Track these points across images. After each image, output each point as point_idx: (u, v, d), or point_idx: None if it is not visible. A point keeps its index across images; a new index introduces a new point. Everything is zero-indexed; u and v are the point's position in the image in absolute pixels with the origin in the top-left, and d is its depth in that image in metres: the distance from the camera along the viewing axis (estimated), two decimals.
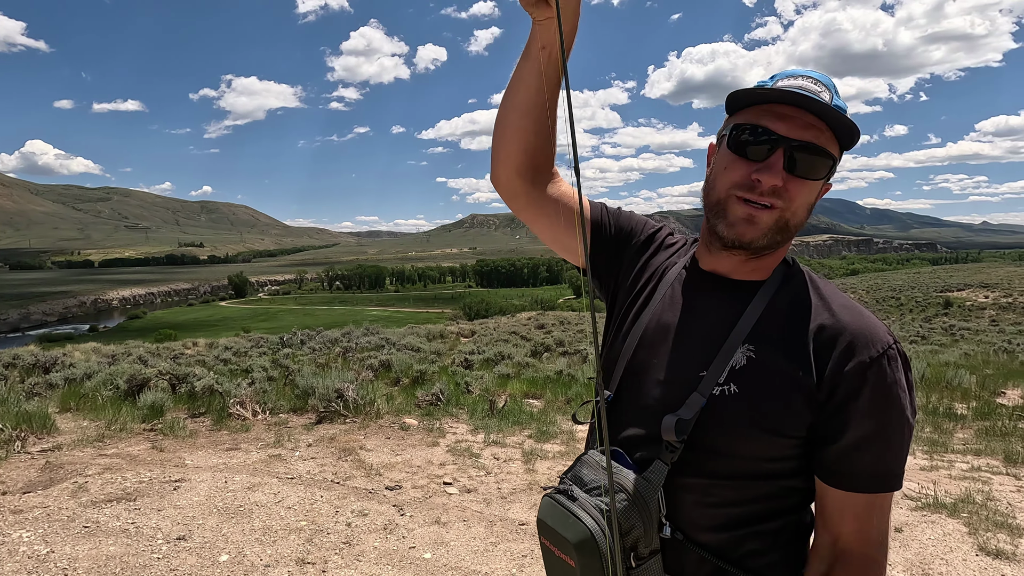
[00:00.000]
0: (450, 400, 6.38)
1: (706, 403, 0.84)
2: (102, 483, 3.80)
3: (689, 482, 0.85)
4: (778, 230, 0.85)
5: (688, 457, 0.84)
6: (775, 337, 0.85)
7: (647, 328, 0.96)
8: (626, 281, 1.06)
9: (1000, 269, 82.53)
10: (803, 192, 0.84)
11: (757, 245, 0.86)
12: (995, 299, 50.36)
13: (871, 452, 0.82)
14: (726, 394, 0.84)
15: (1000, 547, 3.21)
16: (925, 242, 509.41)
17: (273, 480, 4.01)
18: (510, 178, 1.06)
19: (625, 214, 1.12)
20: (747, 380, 0.83)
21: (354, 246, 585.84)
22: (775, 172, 0.82)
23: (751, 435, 0.82)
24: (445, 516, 3.53)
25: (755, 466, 0.84)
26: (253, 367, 8.41)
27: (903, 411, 0.83)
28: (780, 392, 0.82)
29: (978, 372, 8.95)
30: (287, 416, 5.79)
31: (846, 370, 0.81)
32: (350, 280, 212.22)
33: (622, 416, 0.95)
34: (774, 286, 0.89)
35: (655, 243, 1.08)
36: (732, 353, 0.85)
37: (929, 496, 3.97)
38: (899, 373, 0.82)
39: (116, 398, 6.09)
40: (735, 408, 0.83)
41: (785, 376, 0.83)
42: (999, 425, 6.08)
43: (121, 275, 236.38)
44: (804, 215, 0.87)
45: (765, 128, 0.83)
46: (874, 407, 0.81)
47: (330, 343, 14.13)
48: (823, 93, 0.83)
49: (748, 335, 0.85)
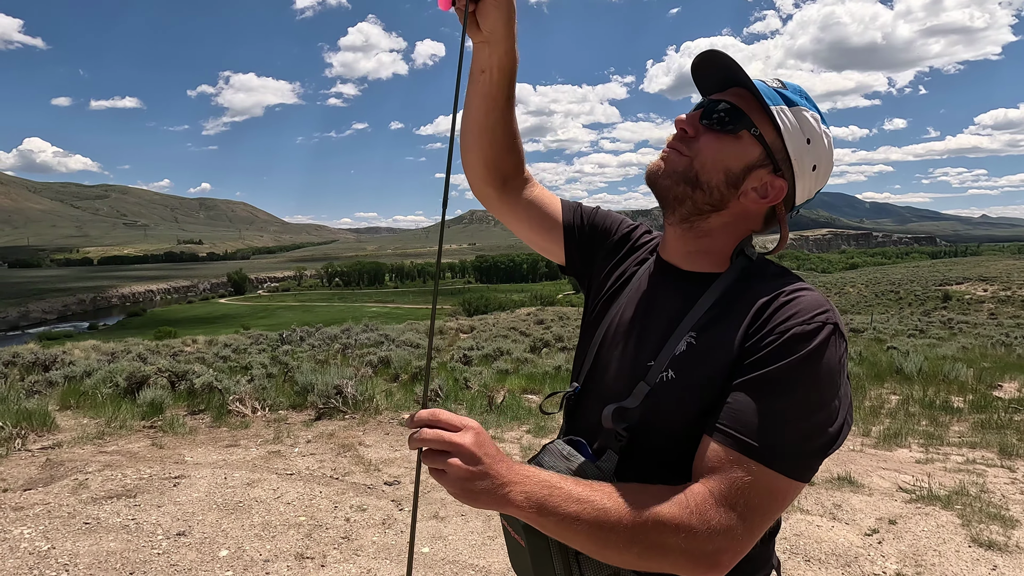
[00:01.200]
0: (449, 396, 6.41)
1: (650, 391, 0.86)
2: (102, 480, 3.82)
3: (639, 468, 0.86)
4: (685, 179, 0.88)
5: (637, 443, 0.87)
6: (717, 322, 0.86)
7: (611, 322, 1.00)
8: (599, 278, 1.10)
9: (999, 262, 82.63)
10: (713, 146, 0.87)
11: (662, 184, 0.90)
12: (994, 292, 50.44)
13: (754, 410, 0.76)
14: (664, 380, 0.85)
15: (992, 538, 3.24)
16: (924, 236, 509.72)
17: (272, 476, 4.03)
18: (479, 187, 1.13)
19: (601, 213, 1.16)
20: (683, 365, 0.85)
21: (353, 242, 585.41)
22: (689, 117, 0.90)
23: (686, 418, 0.83)
24: (443, 511, 3.55)
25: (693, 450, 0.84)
26: (252, 364, 8.43)
27: (809, 385, 0.76)
28: (706, 371, 0.82)
29: (975, 365, 8.98)
30: (286, 413, 5.82)
31: (763, 331, 0.79)
32: (349, 276, 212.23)
33: (585, 407, 0.99)
34: (729, 278, 0.89)
35: (629, 242, 1.11)
36: (678, 342, 0.86)
37: (924, 489, 4.00)
38: (823, 350, 0.76)
39: (116, 396, 6.11)
40: (671, 393, 0.85)
41: (713, 355, 0.83)
42: (995, 418, 6.12)
43: (120, 273, 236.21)
44: (717, 176, 0.87)
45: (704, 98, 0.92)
46: (774, 363, 0.76)
47: (329, 340, 14.15)
48: (772, 81, 0.89)
49: (695, 324, 0.87)
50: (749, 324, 0.82)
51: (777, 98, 0.86)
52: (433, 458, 0.75)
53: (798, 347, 0.77)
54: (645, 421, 0.86)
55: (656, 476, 0.85)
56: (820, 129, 0.88)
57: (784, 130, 0.86)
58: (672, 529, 0.73)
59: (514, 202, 1.13)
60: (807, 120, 0.87)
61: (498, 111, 1.03)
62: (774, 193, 0.88)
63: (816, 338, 0.77)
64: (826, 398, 0.76)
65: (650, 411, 0.86)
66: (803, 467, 0.75)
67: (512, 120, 1.06)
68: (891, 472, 4.46)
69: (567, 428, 1.02)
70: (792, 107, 0.87)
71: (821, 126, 0.89)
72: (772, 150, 0.87)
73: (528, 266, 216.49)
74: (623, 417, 0.86)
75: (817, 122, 0.88)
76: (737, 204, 0.89)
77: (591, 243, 1.12)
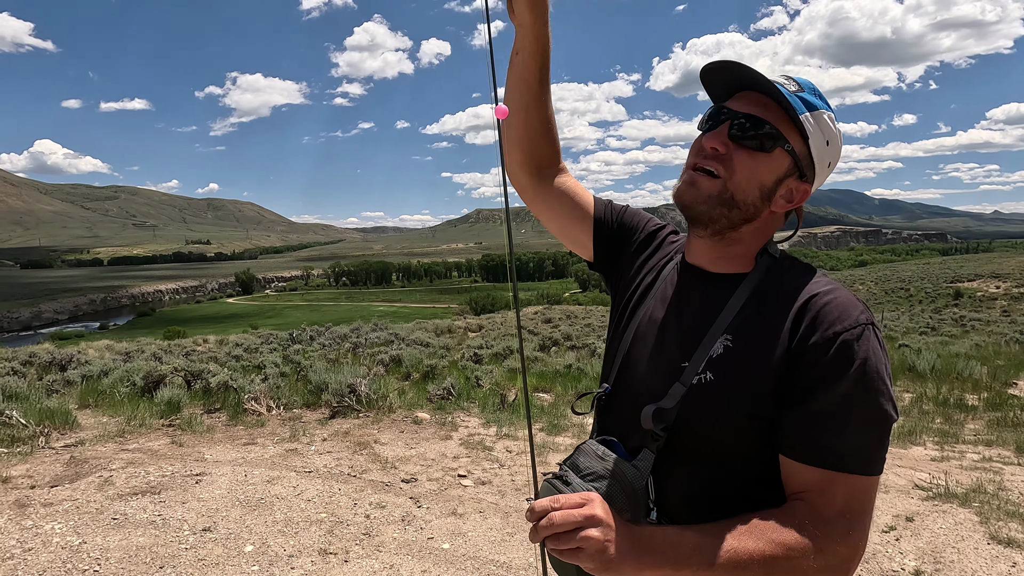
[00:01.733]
0: (461, 394, 6.45)
1: (686, 392, 0.87)
2: (126, 477, 3.89)
3: (675, 468, 0.88)
4: (721, 201, 0.88)
5: (674, 444, 0.88)
6: (752, 325, 0.86)
7: (640, 322, 1.01)
8: (626, 276, 1.11)
9: (1012, 259, 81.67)
10: (747, 164, 0.87)
11: (696, 210, 0.90)
12: (1007, 289, 49.89)
13: (826, 425, 0.79)
14: (703, 382, 0.86)
15: (1012, 536, 3.24)
16: (934, 232, 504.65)
17: (291, 474, 4.09)
18: (515, 173, 1.14)
19: (630, 211, 1.17)
20: (722, 367, 0.86)
21: (360, 242, 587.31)
22: (718, 135, 0.88)
23: (728, 420, 0.84)
24: (461, 508, 3.59)
25: (732, 451, 0.86)
26: (265, 363, 8.51)
27: (871, 387, 0.79)
28: (751, 376, 0.83)
29: (989, 363, 8.92)
30: (301, 411, 5.88)
31: (809, 343, 0.81)
32: (356, 276, 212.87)
33: (617, 407, 0.99)
34: (757, 277, 0.90)
35: (656, 240, 1.12)
36: (712, 343, 0.87)
37: (941, 486, 3.99)
38: (870, 352, 0.80)
39: (133, 395, 6.20)
40: (711, 394, 0.85)
41: (757, 360, 0.84)
42: (1011, 416, 6.08)
43: (130, 273, 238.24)
44: (751, 191, 0.88)
45: (722, 106, 0.90)
46: (831, 379, 0.79)
47: (339, 339, 14.24)
48: (789, 85, 0.87)
49: (728, 326, 0.88)
50: (792, 328, 0.83)
51: (801, 106, 0.86)
52: (564, 539, 0.74)
53: (852, 355, 0.79)
54: (682, 421, 0.87)
55: (692, 475, 0.87)
56: (835, 128, 0.90)
57: (811, 138, 0.87)
58: (800, 553, 0.76)
59: (548, 191, 1.14)
60: (826, 123, 0.88)
61: (531, 94, 1.04)
62: (799, 197, 0.91)
63: (864, 342, 0.80)
64: (883, 391, 0.80)
65: (688, 412, 0.87)
66: (881, 460, 0.81)
67: (547, 106, 1.07)
68: (907, 470, 4.46)
69: (599, 428, 1.03)
70: (814, 112, 0.87)
71: (836, 125, 0.90)
72: (800, 159, 0.88)
73: (534, 265, 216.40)
74: (661, 418, 0.87)
75: (832, 122, 0.89)
76: (768, 212, 0.91)
77: (619, 240, 1.14)
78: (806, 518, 0.78)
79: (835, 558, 0.78)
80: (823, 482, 0.79)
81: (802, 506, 0.80)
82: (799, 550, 0.76)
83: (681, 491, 0.88)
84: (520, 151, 1.10)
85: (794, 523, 0.78)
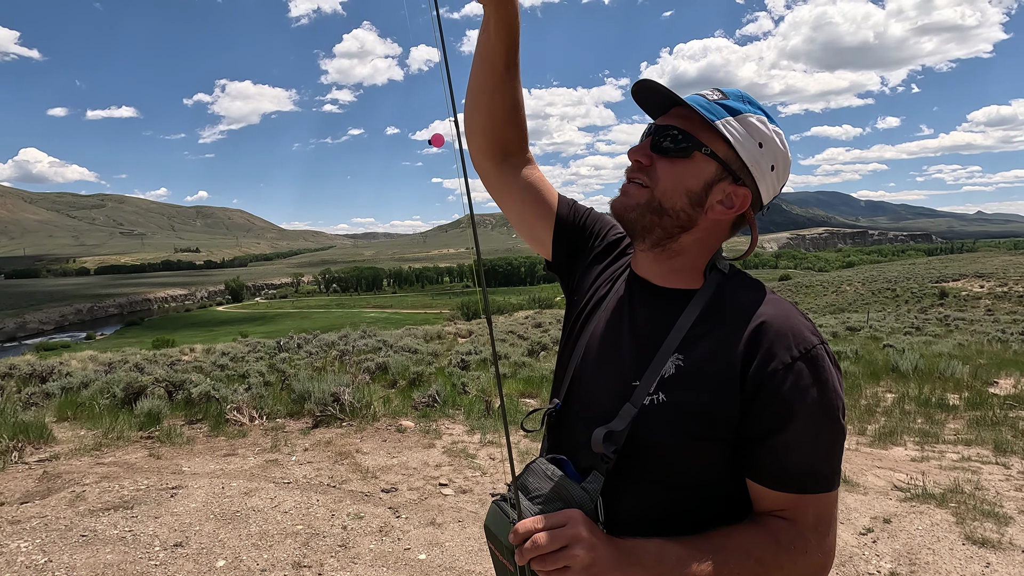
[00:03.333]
0: (446, 401, 6.42)
1: (637, 413, 0.86)
2: (99, 492, 3.83)
3: (626, 488, 0.87)
4: (650, 209, 0.89)
5: (624, 464, 0.86)
6: (703, 345, 0.86)
7: (592, 336, 0.99)
8: (582, 284, 1.09)
9: (995, 258, 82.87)
10: (668, 171, 0.88)
11: (628, 219, 0.91)
12: (990, 289, 50.58)
13: (790, 451, 0.82)
14: (655, 403, 0.85)
15: (986, 536, 3.26)
16: (920, 233, 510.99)
17: (270, 485, 4.04)
18: (478, 159, 1.12)
19: (594, 215, 1.14)
20: (674, 388, 0.85)
21: (350, 248, 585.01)
22: (641, 148, 0.91)
23: (679, 441, 0.83)
24: (440, 517, 3.56)
25: (687, 471, 0.86)
26: (250, 372, 8.43)
27: (825, 411, 0.82)
28: (704, 397, 0.83)
29: (971, 362, 9.01)
30: (284, 421, 5.82)
31: (767, 371, 0.81)
32: (347, 282, 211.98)
33: (568, 425, 0.97)
34: (706, 295, 0.90)
35: (616, 250, 1.09)
36: (664, 363, 0.86)
37: (918, 487, 4.02)
38: (823, 373, 0.82)
39: (113, 406, 6.10)
40: (663, 416, 0.85)
41: (710, 382, 0.84)
42: (990, 415, 6.15)
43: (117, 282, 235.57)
44: (680, 199, 0.88)
45: (651, 123, 0.94)
46: (794, 406, 0.81)
47: (327, 346, 14.14)
48: (710, 95, 0.89)
49: (679, 344, 0.87)
50: (746, 352, 0.83)
51: (720, 111, 0.87)
52: (551, 560, 0.75)
53: (811, 382, 0.81)
54: (633, 443, 0.86)
55: (644, 495, 0.86)
56: (770, 130, 0.89)
57: (734, 141, 0.86)
58: (780, 565, 0.81)
59: (512, 180, 1.12)
60: (754, 125, 0.87)
61: (496, 76, 1.02)
62: (739, 202, 0.89)
63: (820, 364, 0.83)
64: (839, 408, 0.84)
65: (639, 434, 0.86)
66: (839, 473, 0.86)
67: (513, 91, 1.04)
68: (886, 471, 4.48)
69: (550, 445, 1.01)
70: (737, 116, 0.87)
71: (770, 126, 0.89)
72: (727, 162, 0.87)
73: (526, 269, 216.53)
74: (611, 440, 0.85)
75: (764, 124, 0.88)
76: (705, 219, 0.90)
77: (579, 244, 1.11)
78: (782, 532, 0.82)
79: (811, 567, 0.82)
80: (795, 503, 0.83)
81: (777, 522, 0.83)
82: (778, 562, 0.80)
83: (633, 511, 0.87)
84: (483, 136, 1.08)
85: (772, 537, 0.81)
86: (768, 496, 0.85)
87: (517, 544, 0.77)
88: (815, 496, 0.83)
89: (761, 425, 0.82)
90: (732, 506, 0.88)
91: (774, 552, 0.80)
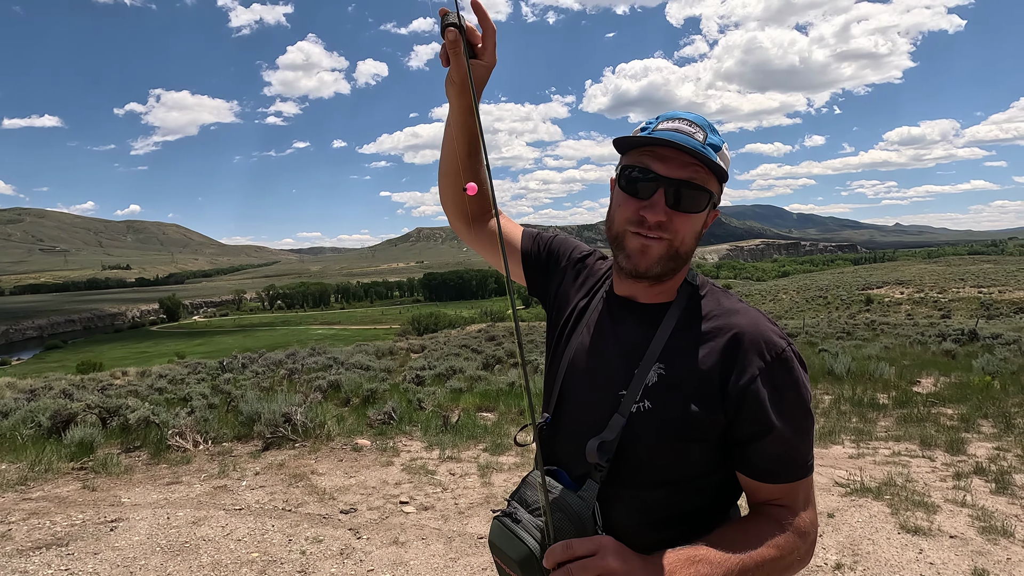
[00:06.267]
0: (403, 418, 6.32)
1: (626, 422, 0.92)
2: (28, 529, 3.54)
3: (620, 493, 0.93)
4: (670, 258, 0.95)
5: (617, 471, 0.92)
6: (682, 353, 0.93)
7: (576, 351, 1.05)
8: (559, 303, 1.16)
9: (913, 266, 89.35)
10: (687, 224, 0.94)
11: (653, 273, 0.95)
12: (909, 295, 54.58)
13: (777, 448, 0.91)
14: (641, 411, 0.92)
15: (918, 524, 3.51)
16: (846, 244, 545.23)
17: (220, 512, 3.85)
18: (452, 220, 1.30)
19: (558, 240, 1.24)
20: (658, 395, 0.92)
21: (296, 263, 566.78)
22: (658, 209, 0.91)
23: (667, 445, 0.91)
24: (403, 536, 3.50)
25: (676, 472, 0.92)
26: (192, 395, 8.01)
27: (800, 407, 0.91)
28: (687, 403, 0.90)
29: (897, 364, 9.69)
30: (231, 444, 5.57)
31: (746, 378, 0.89)
32: (293, 299, 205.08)
33: (560, 437, 1.02)
34: (680, 306, 0.97)
35: (585, 267, 1.17)
36: (647, 372, 0.93)
37: (857, 482, 4.28)
38: (795, 373, 0.91)
39: (39, 436, 5.66)
40: (649, 423, 0.91)
41: (691, 387, 0.91)
42: (915, 412, 6.62)
43: (35, 303, 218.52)
44: (692, 242, 0.96)
45: (648, 169, 0.92)
46: (775, 408, 0.89)
47: (274, 365, 13.61)
48: (697, 134, 0.92)
49: (660, 354, 0.94)
50: (723, 359, 0.91)
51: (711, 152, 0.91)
52: None
53: (787, 384, 0.91)
54: (624, 450, 0.91)
55: (639, 498, 0.92)
56: (729, 155, 0.97)
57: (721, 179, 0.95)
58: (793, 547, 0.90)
59: (480, 235, 1.26)
60: (727, 156, 0.96)
61: (460, 162, 1.15)
62: (712, 219, 0.99)
63: (792, 365, 0.92)
64: (809, 399, 0.94)
65: (629, 441, 0.91)
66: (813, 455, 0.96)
67: (476, 172, 1.16)
68: (828, 468, 4.75)
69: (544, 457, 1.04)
70: (719, 151, 0.94)
71: (729, 152, 0.97)
72: (718, 195, 0.97)
73: (477, 283, 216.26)
74: (603, 449, 0.91)
75: (727, 149, 0.97)
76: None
77: (547, 268, 1.20)
78: (784, 518, 0.91)
79: (810, 543, 0.93)
80: (787, 491, 0.93)
81: (777, 510, 0.92)
82: (791, 546, 0.89)
83: (629, 512, 0.93)
84: (453, 206, 1.25)
85: (779, 525, 0.90)
86: (763, 489, 0.94)
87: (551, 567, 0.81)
88: (802, 482, 0.93)
89: (748, 429, 0.90)
90: (720, 493, 0.97)
91: (785, 537, 0.89)
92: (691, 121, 0.94)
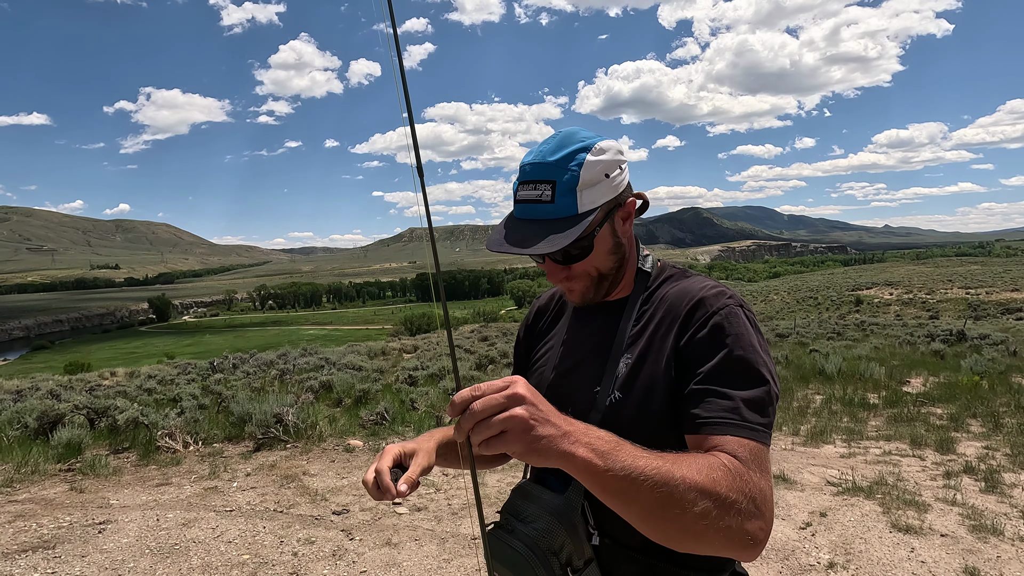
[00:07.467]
0: (396, 418, 6.29)
1: (602, 417, 0.92)
2: (14, 532, 3.48)
3: None
4: (597, 286, 0.98)
5: None
6: (644, 338, 0.95)
7: (551, 356, 1.09)
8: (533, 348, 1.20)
9: (902, 268, 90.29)
10: (588, 263, 0.95)
11: (594, 302, 1.00)
12: (898, 296, 55.15)
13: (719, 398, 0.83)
14: (614, 402, 0.93)
15: (909, 523, 3.54)
16: (837, 245, 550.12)
17: (210, 514, 3.81)
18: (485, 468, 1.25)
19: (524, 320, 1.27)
20: (628, 384, 0.93)
21: (287, 263, 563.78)
22: (554, 274, 0.97)
23: (644, 432, 0.87)
24: (396, 537, 3.48)
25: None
26: (181, 395, 7.93)
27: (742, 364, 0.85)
28: (652, 385, 0.90)
29: (886, 364, 9.77)
30: (222, 445, 5.52)
31: (687, 334, 0.89)
32: (284, 299, 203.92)
33: None
34: (637, 297, 1.00)
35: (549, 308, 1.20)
36: (616, 366, 0.95)
37: (848, 481, 4.31)
38: (738, 327, 0.87)
39: (25, 438, 5.59)
40: (623, 412, 0.92)
41: (655, 369, 0.91)
42: (905, 412, 6.67)
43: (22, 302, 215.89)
44: (610, 260, 0.97)
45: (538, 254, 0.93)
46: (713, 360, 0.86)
47: (265, 366, 13.51)
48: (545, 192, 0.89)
49: (625, 346, 0.96)
50: (679, 333, 0.91)
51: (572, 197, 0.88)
52: (487, 427, 0.67)
53: (726, 333, 0.87)
54: None
55: None
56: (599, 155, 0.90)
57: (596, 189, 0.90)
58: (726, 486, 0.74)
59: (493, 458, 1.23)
60: (591, 161, 0.89)
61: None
62: (633, 208, 0.98)
63: (734, 319, 0.88)
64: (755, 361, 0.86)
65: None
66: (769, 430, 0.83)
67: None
68: (820, 468, 4.77)
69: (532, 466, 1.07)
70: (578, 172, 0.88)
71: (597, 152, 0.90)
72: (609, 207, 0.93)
73: (470, 283, 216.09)
74: None
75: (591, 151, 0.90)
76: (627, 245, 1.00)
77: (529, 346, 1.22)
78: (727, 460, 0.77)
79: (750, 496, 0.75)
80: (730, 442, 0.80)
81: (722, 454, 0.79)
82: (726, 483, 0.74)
83: None
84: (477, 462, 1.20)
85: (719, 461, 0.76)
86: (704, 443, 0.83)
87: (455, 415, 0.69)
88: (747, 440, 0.81)
89: (688, 380, 0.87)
90: None
91: (724, 473, 0.75)
92: (535, 181, 0.90)
